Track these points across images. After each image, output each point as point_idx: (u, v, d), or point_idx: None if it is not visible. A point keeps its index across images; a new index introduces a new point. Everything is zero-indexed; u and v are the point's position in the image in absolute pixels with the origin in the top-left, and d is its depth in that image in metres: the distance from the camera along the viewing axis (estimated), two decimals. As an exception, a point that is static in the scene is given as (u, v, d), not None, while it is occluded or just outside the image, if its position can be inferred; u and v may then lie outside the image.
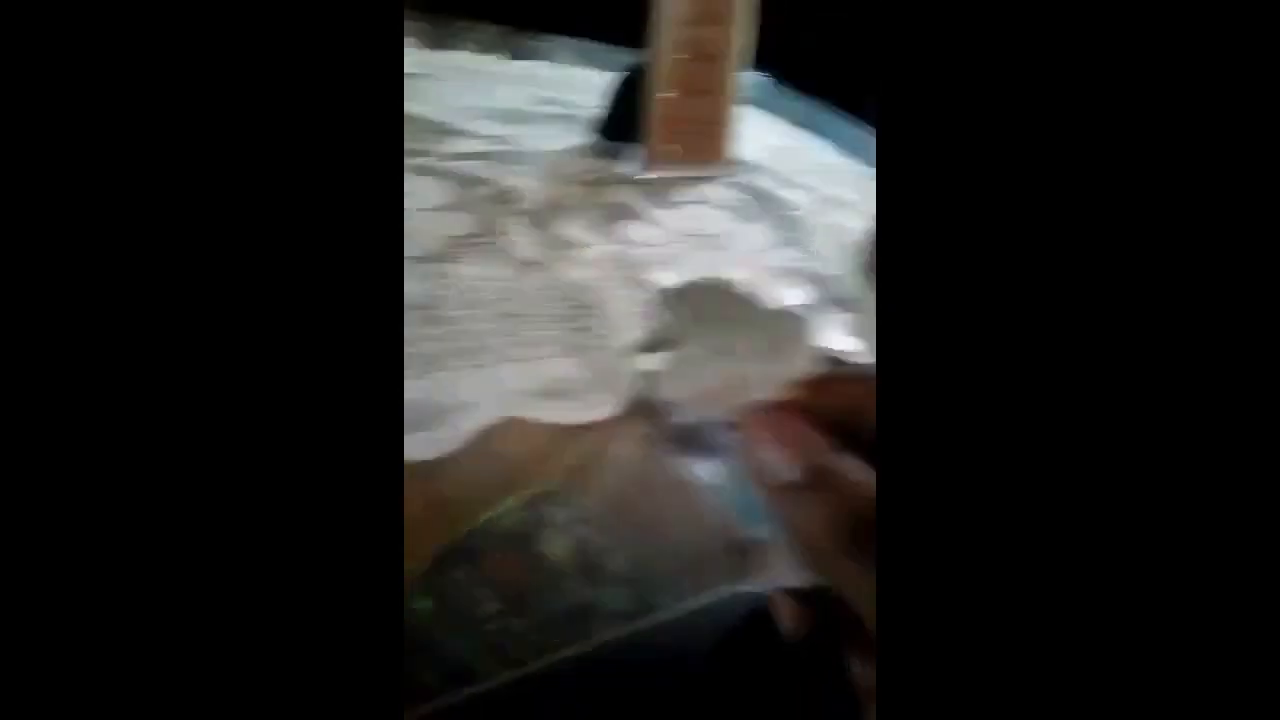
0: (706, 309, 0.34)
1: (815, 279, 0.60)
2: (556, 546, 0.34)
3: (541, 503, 0.36)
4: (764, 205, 0.70)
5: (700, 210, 0.66)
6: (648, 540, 0.35)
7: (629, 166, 0.69)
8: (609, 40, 0.95)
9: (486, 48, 0.93)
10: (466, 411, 0.38)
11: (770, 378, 0.27)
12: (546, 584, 0.33)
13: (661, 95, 0.66)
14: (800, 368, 0.26)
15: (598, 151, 0.72)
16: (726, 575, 0.34)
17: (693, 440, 0.41)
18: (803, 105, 1.05)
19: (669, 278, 0.54)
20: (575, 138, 0.74)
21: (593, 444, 0.39)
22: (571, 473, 0.38)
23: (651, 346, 0.26)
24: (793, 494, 0.23)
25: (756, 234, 0.65)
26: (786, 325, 0.30)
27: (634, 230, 0.60)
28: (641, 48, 0.66)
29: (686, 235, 0.62)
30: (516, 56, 0.94)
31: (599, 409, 0.41)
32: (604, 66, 0.93)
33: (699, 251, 0.59)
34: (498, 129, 0.72)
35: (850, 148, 0.91)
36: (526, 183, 0.63)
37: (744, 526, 0.35)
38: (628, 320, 0.49)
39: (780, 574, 0.29)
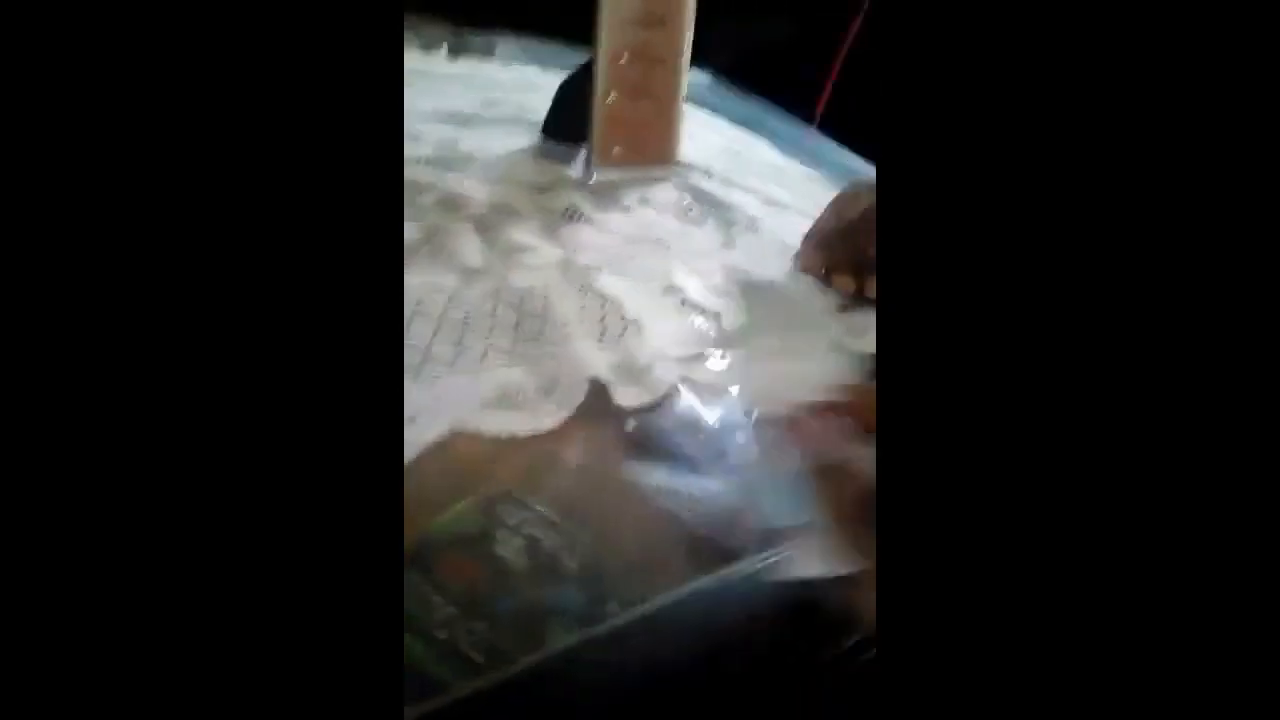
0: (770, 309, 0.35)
1: (756, 283, 0.61)
2: (510, 548, 0.35)
3: (494, 505, 0.36)
4: (708, 208, 0.71)
5: (647, 213, 0.67)
6: (601, 540, 0.36)
7: (576, 169, 0.70)
8: (558, 37, 0.95)
9: (431, 46, 0.92)
10: (413, 425, 0.38)
11: (824, 376, 0.29)
12: (500, 586, 0.33)
13: (606, 99, 0.66)
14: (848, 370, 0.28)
15: (545, 154, 0.72)
16: (681, 574, 0.35)
17: (648, 445, 0.42)
18: (741, 103, 1.06)
19: (618, 283, 0.55)
20: (523, 140, 0.74)
21: (544, 451, 0.40)
22: (523, 475, 0.38)
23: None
24: (836, 477, 0.25)
25: (702, 237, 0.66)
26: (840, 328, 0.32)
27: (581, 234, 0.60)
28: (589, 46, 0.67)
29: (634, 239, 0.62)
30: (461, 56, 0.93)
31: (549, 418, 0.41)
32: (552, 66, 0.93)
33: (647, 256, 0.60)
34: (444, 132, 0.72)
35: (790, 147, 0.92)
36: (473, 187, 0.63)
37: (775, 516, 0.36)
38: (577, 327, 0.49)
39: (808, 561, 0.32)
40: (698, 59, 0.78)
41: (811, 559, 0.34)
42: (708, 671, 0.33)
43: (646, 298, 0.54)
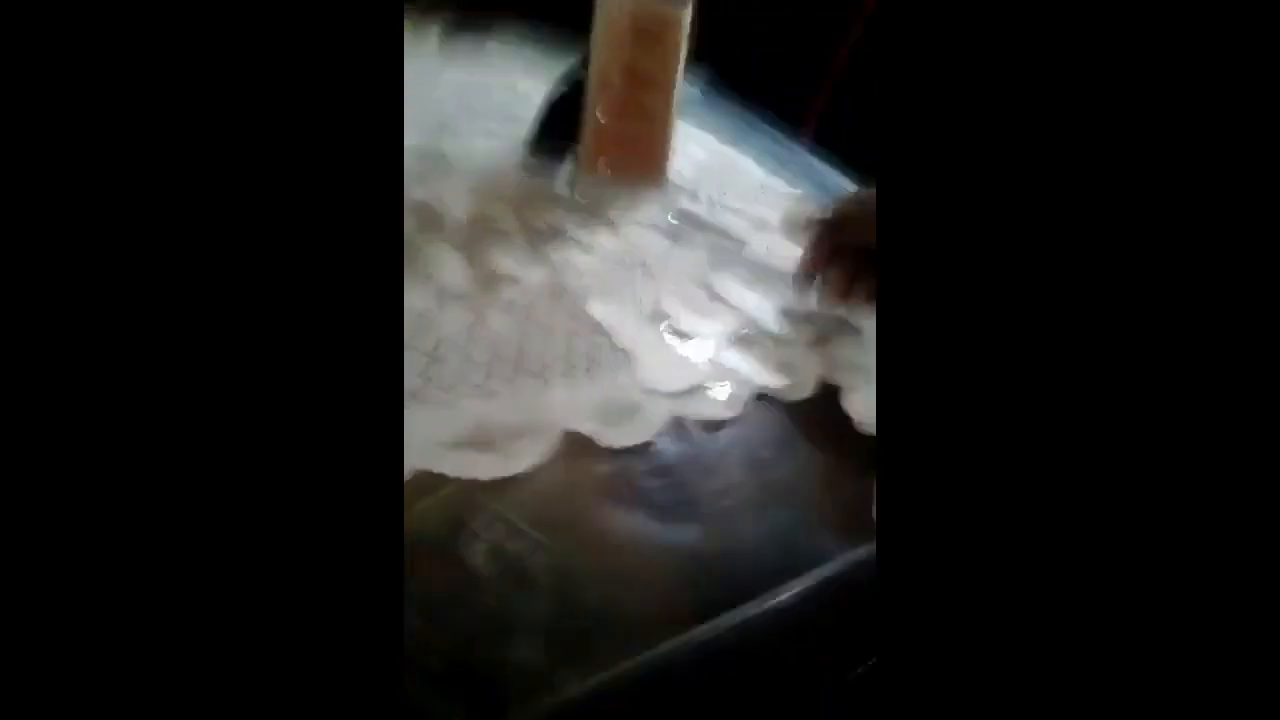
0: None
1: (743, 308, 0.60)
2: (476, 552, 0.34)
3: (460, 506, 0.35)
4: (696, 228, 0.69)
5: (633, 233, 0.65)
6: (573, 543, 0.35)
7: (562, 185, 0.68)
8: (551, 39, 0.93)
9: (414, 46, 0.90)
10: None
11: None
12: (466, 592, 0.32)
13: (601, 118, 0.65)
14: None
15: (530, 168, 0.70)
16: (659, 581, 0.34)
17: (628, 491, 0.40)
18: (727, 118, 1.05)
19: (606, 309, 0.53)
20: (508, 151, 0.72)
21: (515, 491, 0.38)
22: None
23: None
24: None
25: (689, 258, 0.64)
26: None
27: (567, 255, 0.59)
28: (581, 51, 0.65)
29: (621, 262, 0.61)
30: (448, 58, 0.91)
31: (523, 460, 0.40)
32: (543, 72, 0.91)
33: (634, 281, 0.59)
34: (423, 140, 0.70)
35: (776, 166, 0.91)
36: (453, 201, 0.61)
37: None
38: (561, 359, 0.47)
39: None
40: (689, 67, 0.76)
41: None
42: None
43: (636, 326, 0.53)
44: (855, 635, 0.38)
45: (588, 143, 0.65)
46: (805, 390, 0.52)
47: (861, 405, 0.52)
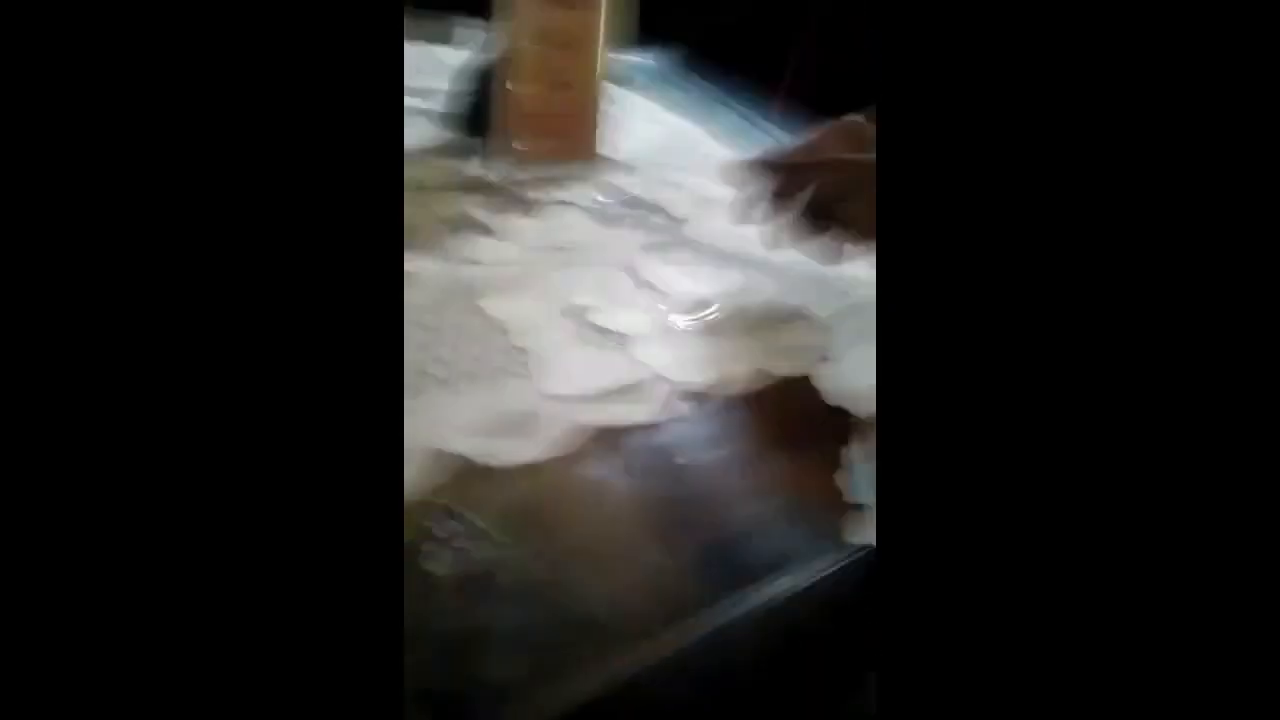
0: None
1: (675, 295, 0.53)
2: (442, 564, 0.32)
3: (426, 517, 0.33)
4: (631, 209, 0.63)
5: (559, 218, 0.59)
6: (546, 553, 0.33)
7: (477, 166, 0.61)
8: (470, 11, 0.86)
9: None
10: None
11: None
12: (430, 606, 0.30)
13: (514, 88, 0.58)
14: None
15: (449, 150, 0.63)
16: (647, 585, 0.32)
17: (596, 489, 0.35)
18: (689, 91, 0.98)
19: (509, 305, 0.47)
20: (423, 134, 0.65)
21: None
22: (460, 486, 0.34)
23: None
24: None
25: (620, 243, 0.58)
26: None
27: (473, 246, 0.52)
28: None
29: (539, 250, 0.54)
30: (411, 40, 0.84)
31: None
32: (461, 45, 0.84)
33: (551, 270, 0.52)
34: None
35: (736, 140, 0.84)
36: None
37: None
38: (443, 364, 0.41)
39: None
40: (647, 42, 0.70)
41: None
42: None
43: (544, 323, 0.46)
44: (847, 640, 0.38)
45: (501, 116, 0.58)
46: (737, 385, 0.46)
47: (832, 382, 0.46)
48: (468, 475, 0.35)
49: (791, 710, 0.38)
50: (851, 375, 0.47)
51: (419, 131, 0.65)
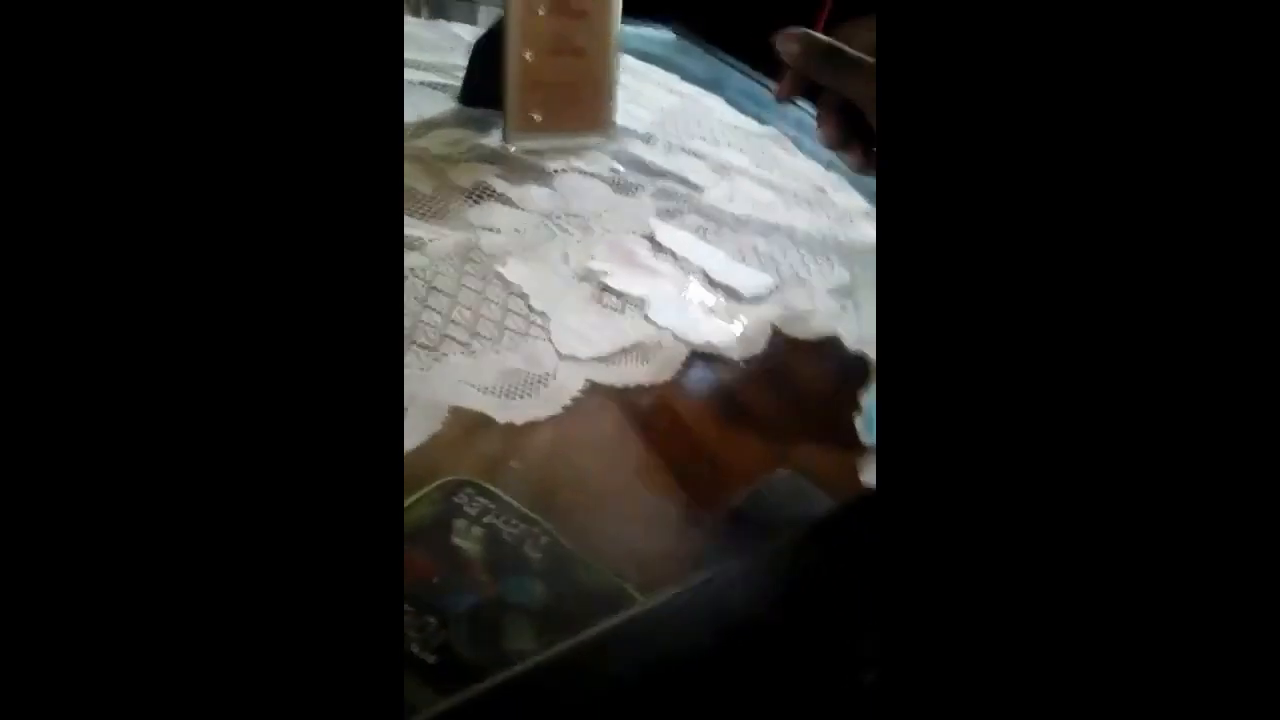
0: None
1: (690, 260, 0.54)
2: (470, 539, 0.32)
3: (454, 492, 0.33)
4: (648, 178, 0.63)
5: (570, 184, 0.59)
6: (572, 530, 0.33)
7: (494, 139, 0.62)
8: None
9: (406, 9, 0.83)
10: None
11: None
12: (459, 580, 0.30)
13: (527, 58, 0.58)
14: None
15: (467, 124, 0.64)
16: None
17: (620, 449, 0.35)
18: (708, 60, 0.98)
19: (525, 269, 0.48)
20: (435, 106, 0.66)
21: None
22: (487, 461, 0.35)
23: None
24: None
25: (637, 210, 0.58)
26: None
27: (490, 214, 0.53)
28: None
29: (556, 217, 0.55)
30: (440, 19, 0.85)
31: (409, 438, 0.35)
32: (471, 20, 0.85)
33: (568, 236, 0.53)
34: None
35: (752, 106, 0.84)
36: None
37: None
38: (462, 327, 0.42)
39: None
40: (661, 13, 0.70)
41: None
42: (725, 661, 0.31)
43: (560, 287, 0.47)
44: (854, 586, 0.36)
45: (515, 87, 0.58)
46: (756, 346, 0.46)
47: (854, 329, 0.46)
48: (485, 433, 0.36)
49: (801, 656, 0.38)
50: (870, 323, 0.47)
51: (439, 106, 0.66)
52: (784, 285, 0.54)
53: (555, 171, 0.60)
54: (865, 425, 0.39)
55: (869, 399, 0.41)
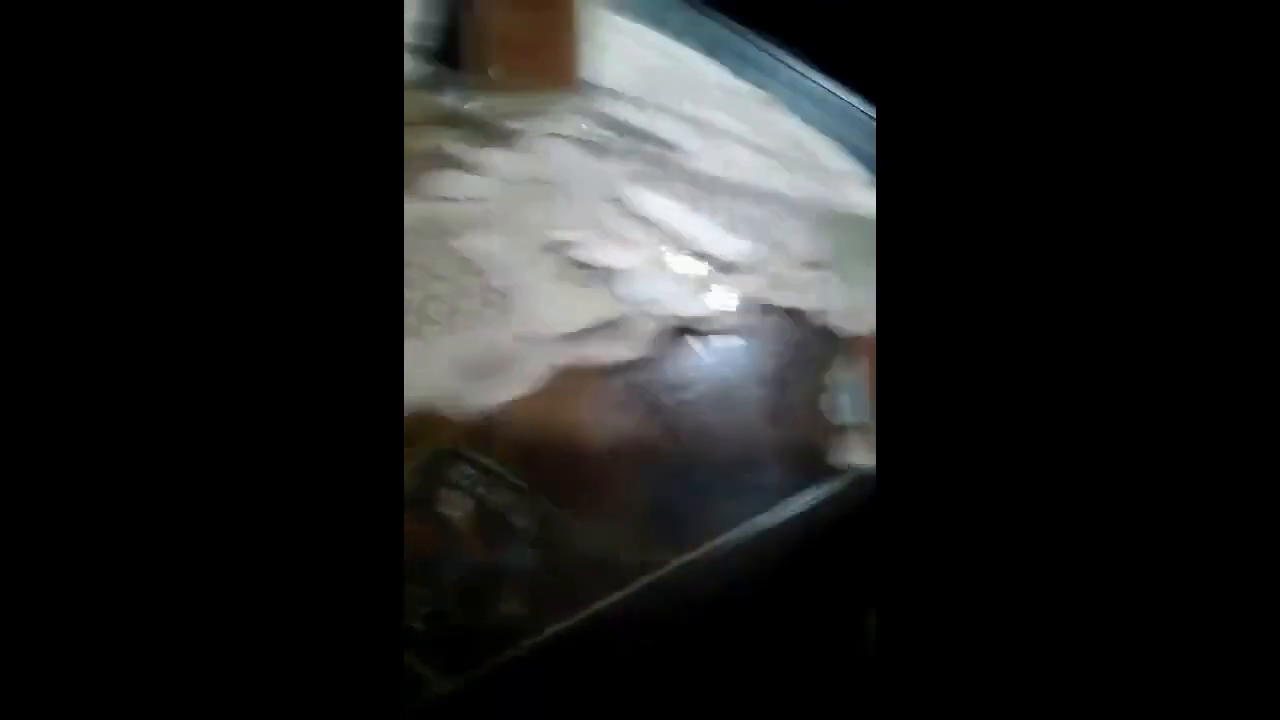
0: None
1: (667, 226, 0.49)
2: (456, 507, 0.31)
3: (439, 461, 0.32)
4: (620, 138, 0.59)
5: (541, 149, 0.55)
6: (561, 493, 0.32)
7: (453, 98, 0.57)
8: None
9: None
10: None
11: None
12: (448, 549, 0.30)
13: (485, 11, 0.54)
14: None
15: (423, 83, 0.59)
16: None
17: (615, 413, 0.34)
18: (691, 15, 0.92)
19: (484, 243, 0.43)
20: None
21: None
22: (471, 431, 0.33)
23: None
24: None
25: (606, 174, 0.54)
26: None
27: (451, 182, 0.48)
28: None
29: (518, 183, 0.50)
30: None
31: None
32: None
33: (530, 204, 0.48)
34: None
35: (740, 64, 0.79)
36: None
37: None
38: (413, 309, 0.38)
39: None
40: None
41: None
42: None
43: (524, 261, 0.43)
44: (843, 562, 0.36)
45: (473, 40, 0.54)
46: (733, 319, 0.42)
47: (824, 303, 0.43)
48: (434, 423, 0.32)
49: (790, 632, 0.37)
50: (840, 295, 0.44)
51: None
52: (766, 253, 0.50)
53: (518, 133, 0.55)
54: (832, 405, 0.36)
55: (837, 378, 0.38)
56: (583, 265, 0.44)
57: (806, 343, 0.41)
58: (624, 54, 0.75)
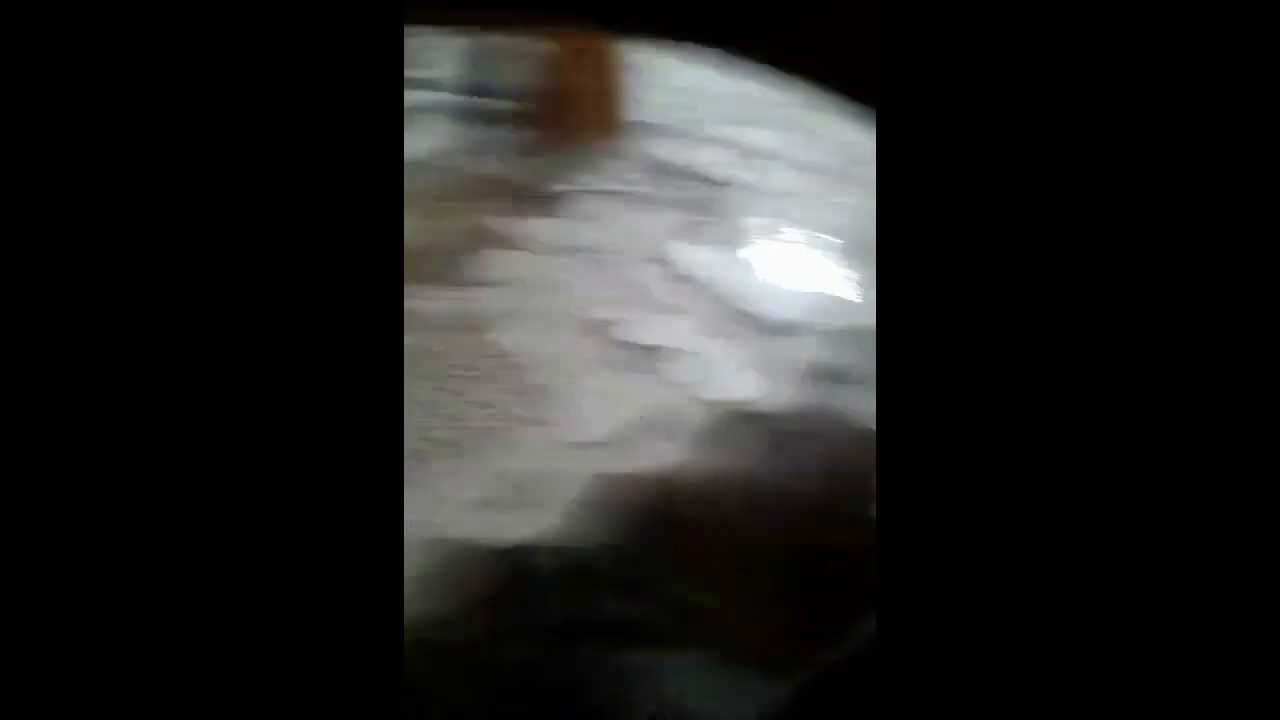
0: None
1: (716, 283, 0.47)
2: None
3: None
4: (664, 182, 0.56)
5: (584, 210, 0.53)
6: None
7: (500, 163, 0.56)
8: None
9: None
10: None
11: None
12: None
13: (533, 62, 0.52)
14: None
15: (462, 148, 0.59)
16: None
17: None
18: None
19: (520, 334, 0.42)
20: (439, 131, 0.61)
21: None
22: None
23: None
24: None
25: (649, 229, 0.52)
26: None
27: (485, 264, 0.48)
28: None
29: (557, 253, 0.49)
30: None
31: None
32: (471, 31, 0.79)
33: (570, 276, 0.47)
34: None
35: (784, 80, 0.75)
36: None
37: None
38: (445, 424, 0.37)
39: None
40: None
41: None
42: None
43: (563, 349, 0.42)
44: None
45: (518, 98, 0.52)
46: (784, 397, 0.40)
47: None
48: (470, 562, 0.32)
49: None
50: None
51: (437, 130, 0.61)
52: (822, 302, 0.47)
53: (561, 194, 0.54)
54: None
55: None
56: (625, 344, 0.42)
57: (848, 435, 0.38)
58: (659, 74, 0.73)
